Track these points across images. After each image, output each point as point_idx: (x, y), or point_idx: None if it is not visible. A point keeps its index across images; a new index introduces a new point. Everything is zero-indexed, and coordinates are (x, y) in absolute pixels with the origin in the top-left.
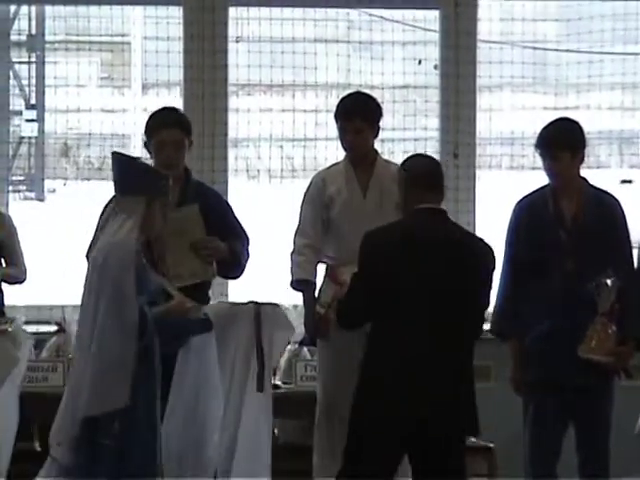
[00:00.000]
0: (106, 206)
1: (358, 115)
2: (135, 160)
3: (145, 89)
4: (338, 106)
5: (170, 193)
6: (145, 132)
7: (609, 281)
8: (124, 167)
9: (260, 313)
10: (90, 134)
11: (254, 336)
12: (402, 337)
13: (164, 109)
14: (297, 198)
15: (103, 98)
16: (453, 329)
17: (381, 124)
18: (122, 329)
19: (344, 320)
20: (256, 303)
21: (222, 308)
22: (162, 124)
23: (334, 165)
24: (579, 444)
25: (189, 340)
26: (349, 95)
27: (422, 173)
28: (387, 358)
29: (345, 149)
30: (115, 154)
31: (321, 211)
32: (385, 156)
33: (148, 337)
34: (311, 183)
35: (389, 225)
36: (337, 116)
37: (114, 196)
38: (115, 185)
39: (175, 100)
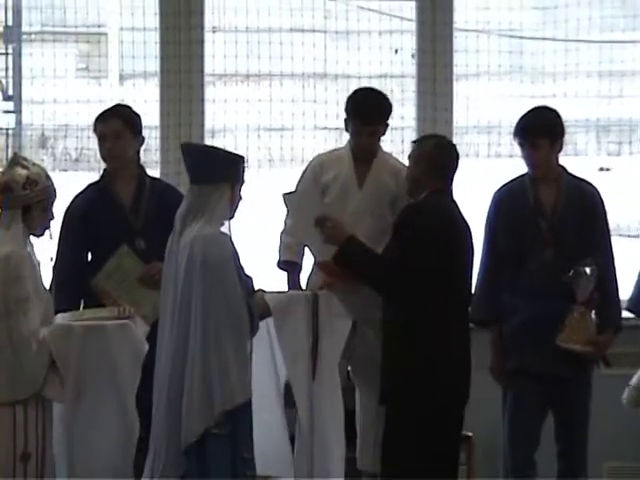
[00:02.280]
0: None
1: (377, 119)
2: (212, 147)
3: (122, 80)
4: (354, 104)
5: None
6: (93, 127)
7: (588, 270)
8: (203, 156)
9: (318, 301)
10: (67, 125)
11: (311, 325)
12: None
13: (111, 106)
14: (275, 187)
15: (80, 89)
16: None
17: None
18: (238, 326)
19: (387, 281)
20: (314, 292)
21: (279, 296)
22: (100, 117)
23: (335, 151)
24: (557, 433)
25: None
26: (364, 93)
27: (446, 157)
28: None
29: (355, 147)
30: (188, 145)
31: (317, 197)
32: None
33: (255, 330)
34: (308, 166)
35: (426, 202)
36: (351, 114)
37: (193, 187)
38: (195, 175)
39: (152, 91)
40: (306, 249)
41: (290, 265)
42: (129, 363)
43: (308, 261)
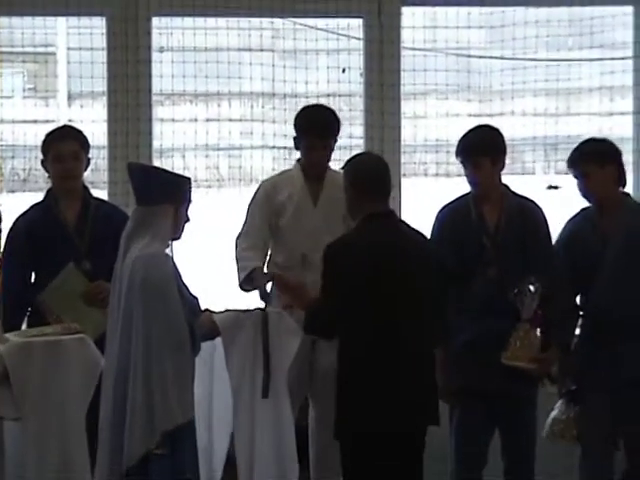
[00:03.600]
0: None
1: (329, 133)
2: (157, 169)
3: (70, 100)
4: (306, 120)
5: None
6: (42, 149)
7: (532, 287)
8: (148, 177)
9: (267, 319)
10: (14, 145)
11: (261, 342)
12: (375, 347)
13: (62, 126)
14: (224, 207)
15: (28, 109)
16: (416, 331)
17: None
18: (179, 346)
19: (317, 330)
20: (262, 309)
21: (228, 315)
22: (59, 137)
23: (283, 173)
24: (504, 450)
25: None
26: (312, 110)
27: (370, 177)
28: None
29: (307, 165)
30: (134, 165)
31: (270, 217)
32: None
33: (197, 350)
34: (259, 188)
35: (347, 236)
36: (301, 131)
37: (138, 207)
38: (139, 196)
39: (100, 111)
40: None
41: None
42: (84, 378)
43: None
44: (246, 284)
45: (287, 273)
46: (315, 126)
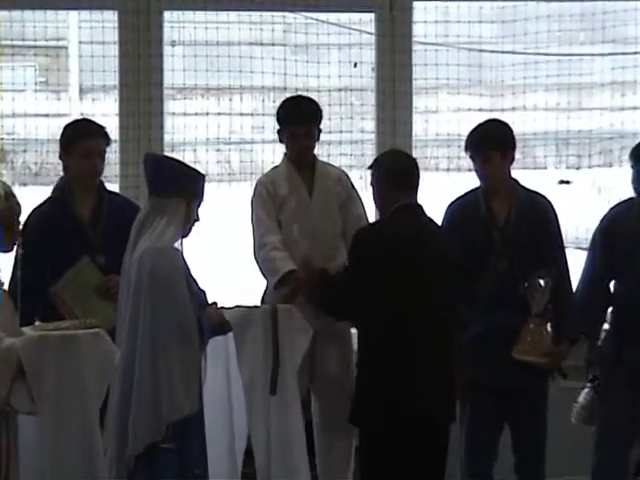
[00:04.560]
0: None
1: (310, 119)
2: (173, 160)
3: (82, 94)
4: (283, 111)
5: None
6: (65, 143)
7: (542, 282)
8: (162, 168)
9: (277, 315)
10: (27, 139)
11: (271, 338)
12: (390, 337)
13: (84, 120)
14: (235, 201)
15: (40, 103)
16: (433, 323)
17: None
18: (185, 339)
19: (334, 308)
20: (273, 306)
21: (238, 312)
22: (87, 134)
23: (275, 168)
24: (515, 445)
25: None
26: (292, 100)
27: (401, 171)
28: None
29: (293, 154)
30: (149, 155)
31: (275, 212)
32: (323, 159)
33: (205, 343)
34: (257, 186)
35: (377, 224)
36: (284, 121)
37: (150, 198)
38: (152, 187)
39: (111, 105)
40: None
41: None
42: (100, 372)
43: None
44: (280, 284)
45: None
46: (296, 115)
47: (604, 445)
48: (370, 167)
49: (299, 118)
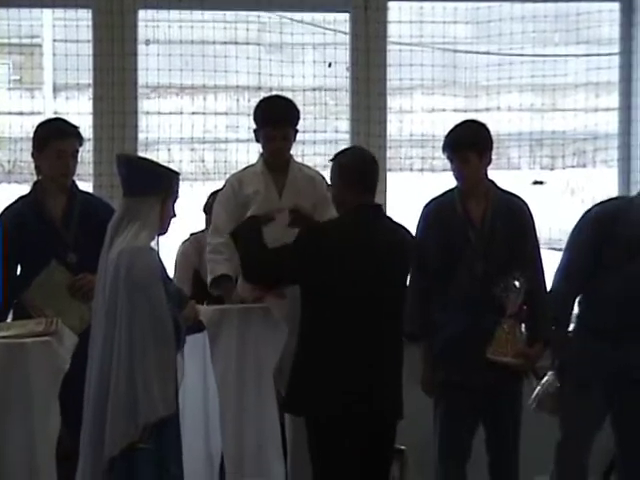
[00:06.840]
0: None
1: (287, 122)
2: (146, 160)
3: (56, 92)
4: (260, 112)
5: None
6: (38, 143)
7: (517, 283)
8: (135, 168)
9: (251, 314)
10: (0, 137)
11: (244, 338)
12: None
13: (57, 119)
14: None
15: (13, 101)
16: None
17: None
18: (162, 340)
19: (258, 271)
20: (246, 304)
21: (212, 310)
22: (60, 134)
23: (249, 167)
24: (489, 444)
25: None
26: (269, 100)
27: (358, 170)
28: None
29: (268, 155)
30: (122, 156)
31: (237, 211)
32: (297, 158)
33: (181, 344)
34: (225, 184)
35: (328, 224)
36: (260, 122)
37: (124, 199)
38: (126, 187)
39: (85, 103)
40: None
41: (226, 280)
42: (47, 382)
43: None
44: (212, 288)
45: None
46: (272, 116)
47: (570, 443)
48: (331, 160)
49: (275, 120)
